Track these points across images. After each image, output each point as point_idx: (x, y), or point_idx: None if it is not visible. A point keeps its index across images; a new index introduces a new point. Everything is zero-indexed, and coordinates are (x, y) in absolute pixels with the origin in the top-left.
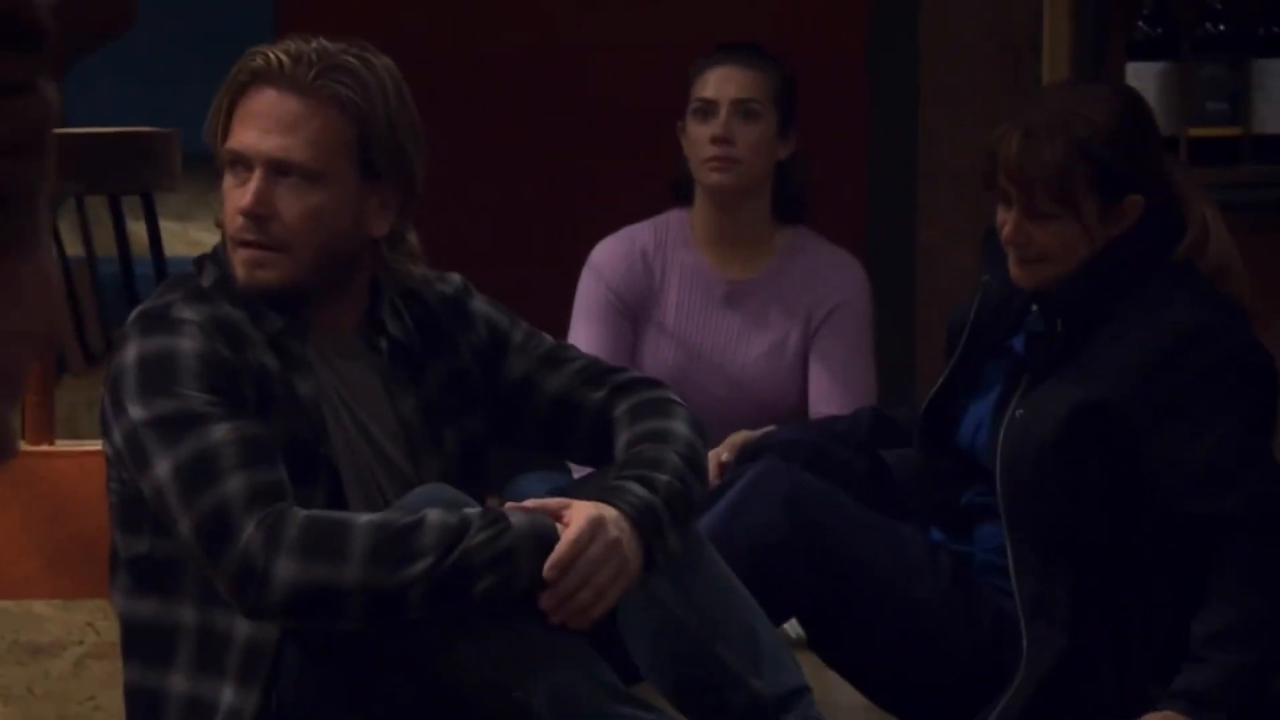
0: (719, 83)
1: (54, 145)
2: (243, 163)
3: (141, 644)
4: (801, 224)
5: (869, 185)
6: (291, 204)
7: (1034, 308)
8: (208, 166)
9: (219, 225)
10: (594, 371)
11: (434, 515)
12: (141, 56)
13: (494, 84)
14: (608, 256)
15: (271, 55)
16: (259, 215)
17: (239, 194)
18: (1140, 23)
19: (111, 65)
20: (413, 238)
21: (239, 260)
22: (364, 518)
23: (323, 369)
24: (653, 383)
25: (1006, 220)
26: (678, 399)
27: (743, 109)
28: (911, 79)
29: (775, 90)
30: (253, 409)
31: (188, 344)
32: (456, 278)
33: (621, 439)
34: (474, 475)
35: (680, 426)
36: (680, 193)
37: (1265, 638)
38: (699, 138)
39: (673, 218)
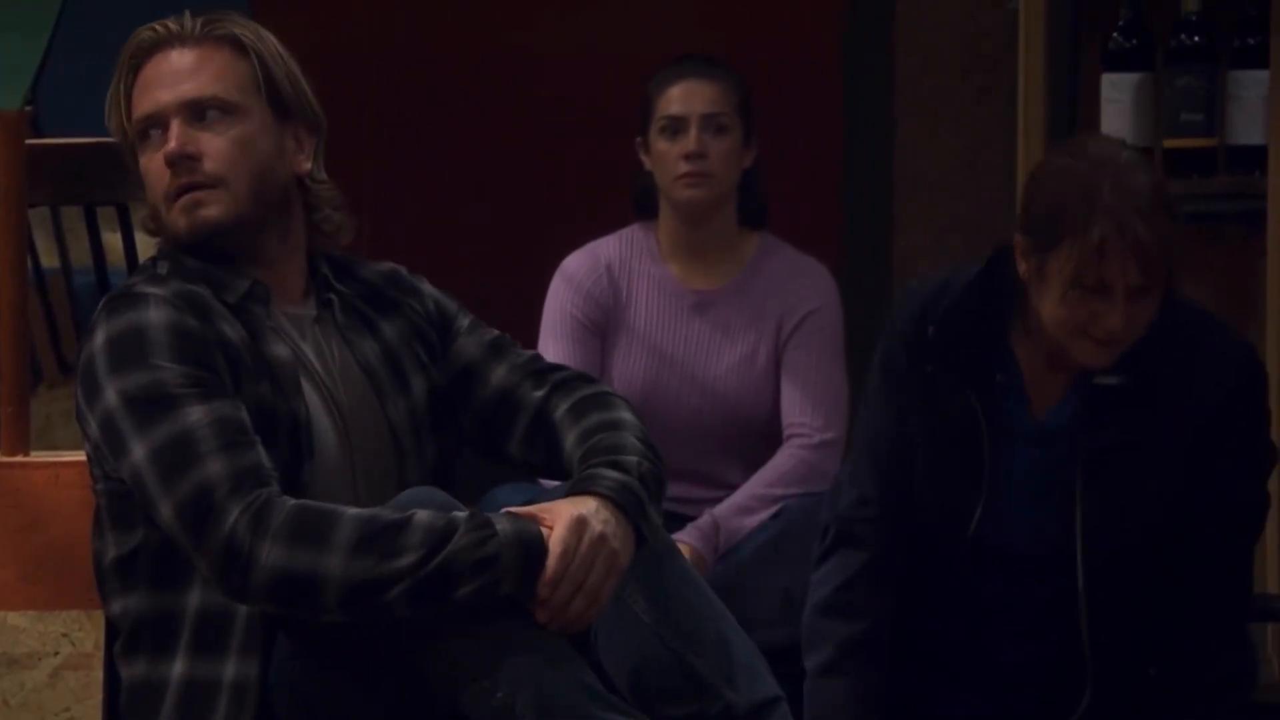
0: (685, 98)
1: None
2: (156, 124)
3: (141, 640)
4: (765, 229)
5: (845, 195)
6: (215, 140)
7: (1097, 379)
8: None
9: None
10: (536, 367)
11: (422, 515)
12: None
13: (469, 85)
14: (573, 273)
15: (157, 27)
16: (187, 155)
17: (161, 153)
18: (1115, 34)
19: (86, 76)
20: (331, 184)
21: (178, 211)
22: (352, 510)
23: (288, 333)
24: (590, 379)
25: (1106, 310)
26: (615, 393)
27: (713, 123)
28: (886, 90)
29: (739, 100)
30: (226, 383)
31: (155, 316)
32: (391, 264)
33: (570, 436)
34: (435, 429)
35: (627, 415)
36: (643, 207)
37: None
38: (669, 155)
39: (637, 231)
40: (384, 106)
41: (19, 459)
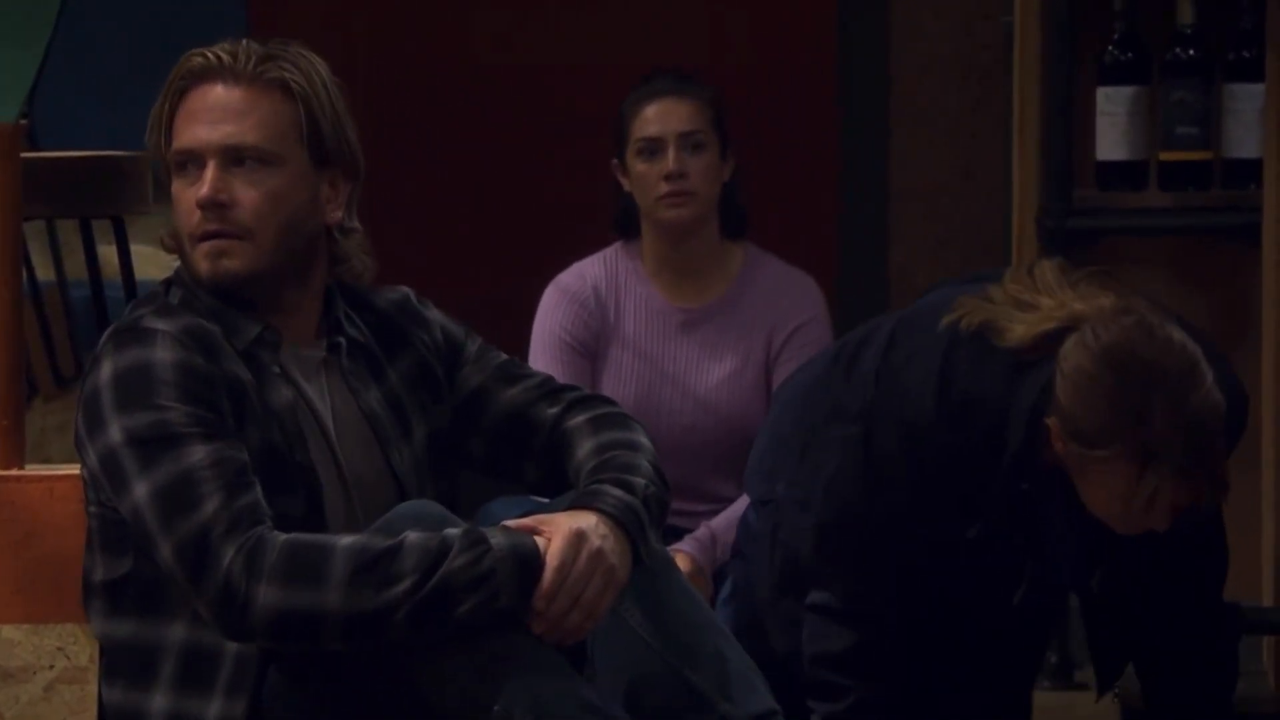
0: (661, 118)
1: None
2: (194, 160)
3: (124, 665)
4: (745, 238)
5: (841, 206)
6: (249, 190)
7: None
8: None
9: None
10: (549, 388)
11: (414, 538)
12: (112, 80)
13: (465, 89)
14: (561, 295)
15: (209, 54)
16: (219, 203)
17: (194, 190)
18: (1110, 47)
19: (82, 89)
20: (359, 226)
21: (201, 255)
22: (344, 540)
23: (294, 376)
24: (608, 400)
25: (1151, 517)
26: (633, 417)
27: (690, 142)
28: (881, 101)
29: (714, 115)
30: (229, 423)
31: (163, 354)
32: (404, 288)
33: (585, 446)
34: (442, 471)
35: (644, 439)
36: (625, 228)
37: None
38: (649, 176)
39: (620, 251)
40: (380, 109)
41: (14, 472)
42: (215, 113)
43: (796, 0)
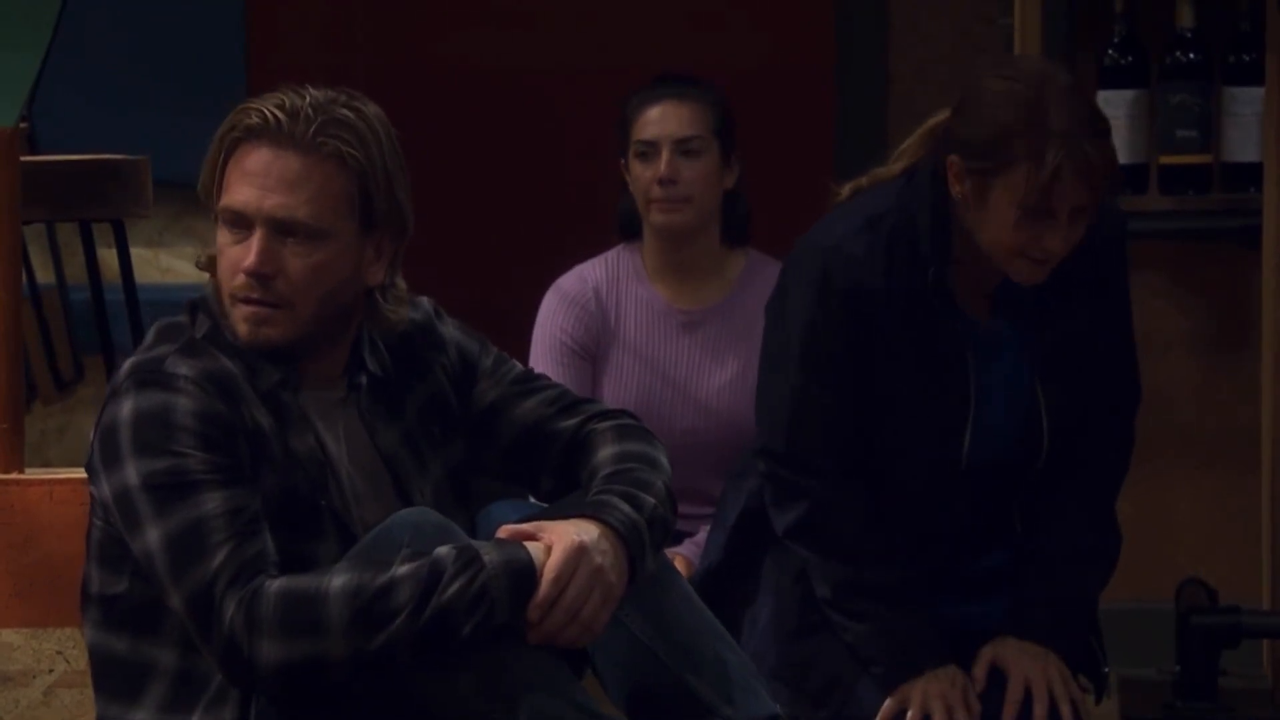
0: (658, 122)
1: None
2: (241, 221)
3: (110, 678)
4: (748, 245)
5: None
6: (295, 262)
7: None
8: (179, 193)
9: (200, 265)
10: (566, 401)
11: (405, 570)
12: (112, 84)
13: (461, 98)
14: (562, 298)
15: (267, 112)
16: (263, 274)
17: (239, 251)
18: (1110, 50)
19: (82, 92)
20: (401, 282)
21: (240, 317)
22: (337, 582)
23: (316, 420)
24: (629, 414)
25: (1048, 232)
26: (656, 436)
27: (684, 148)
28: (879, 105)
29: (715, 121)
30: (247, 469)
31: (184, 401)
32: (425, 302)
33: (606, 451)
34: (462, 502)
35: (664, 460)
36: (627, 229)
37: None
38: (643, 179)
39: (623, 253)
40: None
41: (13, 476)
42: (267, 179)
43: (795, 1)
